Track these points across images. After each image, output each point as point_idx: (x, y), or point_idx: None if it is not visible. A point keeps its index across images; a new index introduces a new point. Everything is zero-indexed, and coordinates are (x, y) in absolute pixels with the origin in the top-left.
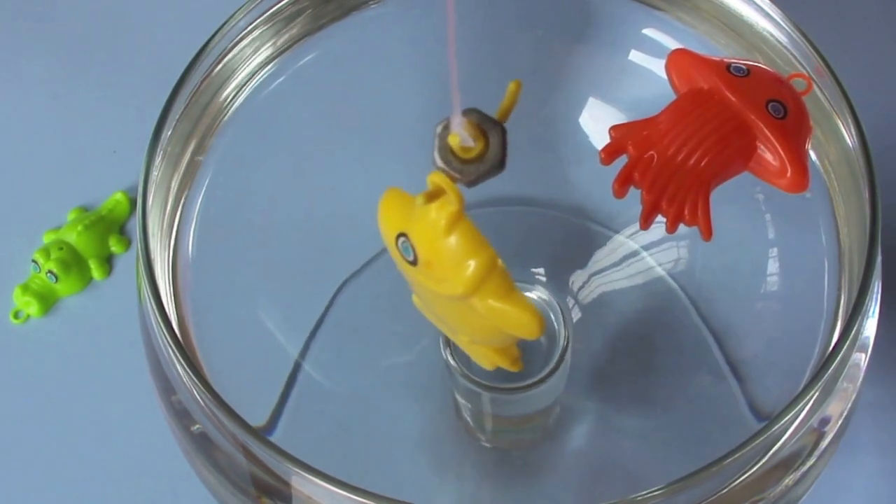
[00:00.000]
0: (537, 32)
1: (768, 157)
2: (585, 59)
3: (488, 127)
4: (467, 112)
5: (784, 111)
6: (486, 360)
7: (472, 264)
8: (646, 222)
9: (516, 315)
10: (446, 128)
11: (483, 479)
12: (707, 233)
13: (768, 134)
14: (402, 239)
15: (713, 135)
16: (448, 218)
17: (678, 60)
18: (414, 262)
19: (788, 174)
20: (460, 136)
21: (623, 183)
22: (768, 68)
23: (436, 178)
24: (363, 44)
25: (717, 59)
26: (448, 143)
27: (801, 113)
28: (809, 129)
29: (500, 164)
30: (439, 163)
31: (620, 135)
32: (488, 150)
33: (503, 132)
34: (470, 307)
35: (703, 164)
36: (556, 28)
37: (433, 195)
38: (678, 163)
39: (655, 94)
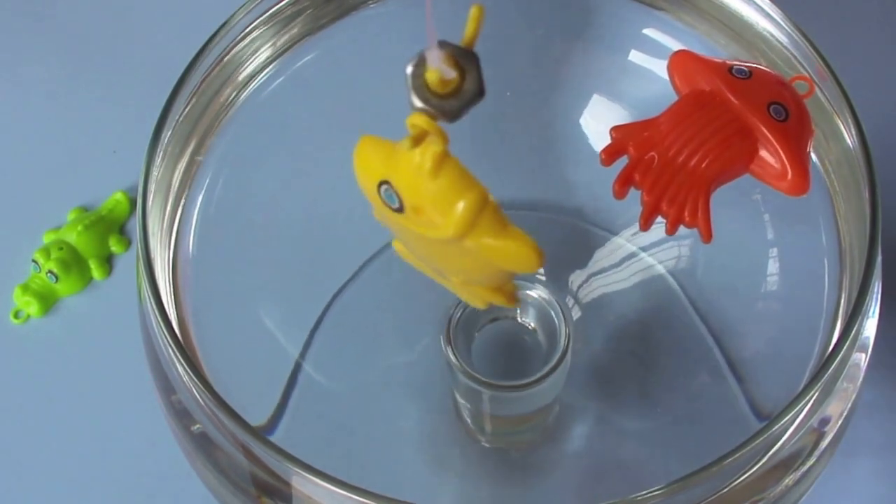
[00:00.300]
0: (537, 32)
1: (769, 159)
2: (585, 59)
3: (461, 57)
4: (439, 45)
5: (785, 113)
6: (480, 299)
7: (461, 205)
8: (646, 223)
9: (514, 249)
10: (418, 65)
11: (483, 479)
12: (707, 235)
13: (769, 136)
14: (384, 187)
15: (714, 137)
16: (433, 159)
17: (680, 61)
18: (400, 209)
19: (789, 177)
20: (440, 69)
21: (623, 184)
22: (770, 70)
23: (416, 120)
24: (363, 44)
25: (719, 60)
26: (424, 81)
27: (802, 116)
28: (811, 132)
29: (480, 92)
30: (418, 104)
31: (621, 136)
32: (465, 80)
33: (476, 59)
34: (462, 248)
35: (703, 165)
36: (557, 28)
37: (418, 139)
38: (679, 164)
39: (656, 95)
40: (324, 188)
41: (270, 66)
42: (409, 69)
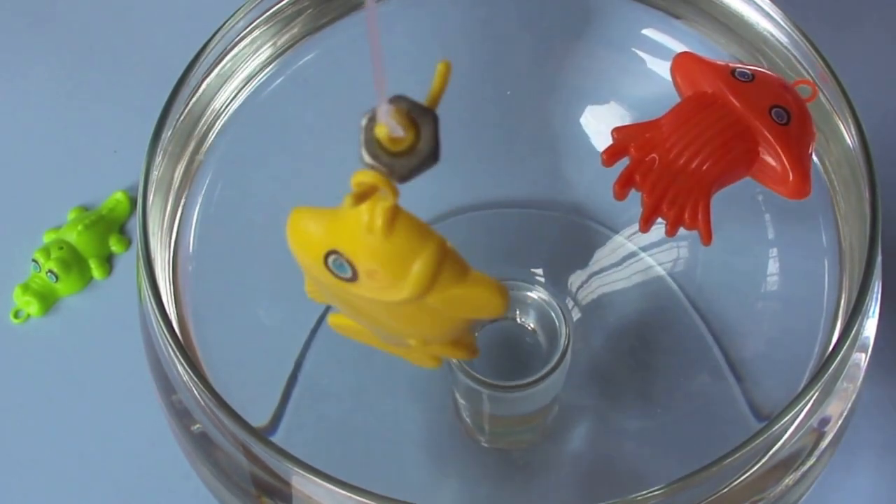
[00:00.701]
0: (537, 32)
1: (770, 162)
2: (586, 59)
3: (418, 115)
4: (395, 99)
5: (787, 117)
6: (434, 360)
7: (419, 262)
8: (646, 225)
9: (480, 296)
10: (372, 119)
11: (483, 479)
12: (707, 237)
13: (771, 140)
14: (333, 257)
15: (715, 139)
16: (384, 216)
17: (683, 63)
18: (353, 278)
19: (790, 180)
20: (388, 125)
21: (624, 185)
22: (773, 74)
23: (363, 177)
24: (363, 44)
25: (722, 63)
26: (375, 136)
27: (804, 119)
28: (813, 136)
29: (434, 156)
30: (367, 159)
31: (623, 137)
32: (420, 140)
33: (435, 120)
34: (422, 305)
35: (704, 168)
36: (557, 28)
37: (362, 196)
38: (680, 166)
39: (656, 94)
40: (324, 188)
41: (271, 66)
42: (363, 122)
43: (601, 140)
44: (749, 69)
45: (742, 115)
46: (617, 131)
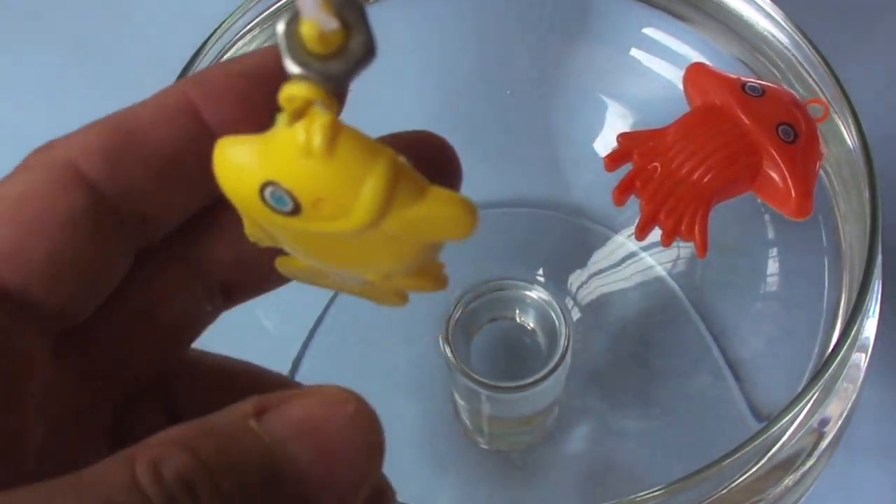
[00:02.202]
0: (538, 31)
1: (774, 179)
2: (586, 59)
3: (342, 8)
4: None
5: (794, 135)
6: (399, 295)
7: (370, 180)
8: (642, 232)
9: (444, 213)
10: (292, 22)
11: (482, 480)
12: (702, 249)
13: (775, 157)
14: (269, 189)
15: (719, 152)
16: (324, 133)
17: (695, 74)
18: (295, 211)
19: (792, 199)
20: (320, 18)
21: (623, 191)
22: (784, 90)
23: (294, 89)
24: None
25: (735, 76)
26: (301, 40)
27: (812, 138)
28: (820, 156)
29: (371, 50)
30: (294, 68)
31: (627, 142)
32: (350, 37)
33: (361, 8)
34: (378, 233)
35: (705, 180)
36: (557, 28)
37: (298, 113)
38: (681, 176)
39: (656, 94)
40: None
41: None
42: (281, 27)
43: (601, 140)
44: (760, 84)
45: (749, 129)
46: (622, 137)
